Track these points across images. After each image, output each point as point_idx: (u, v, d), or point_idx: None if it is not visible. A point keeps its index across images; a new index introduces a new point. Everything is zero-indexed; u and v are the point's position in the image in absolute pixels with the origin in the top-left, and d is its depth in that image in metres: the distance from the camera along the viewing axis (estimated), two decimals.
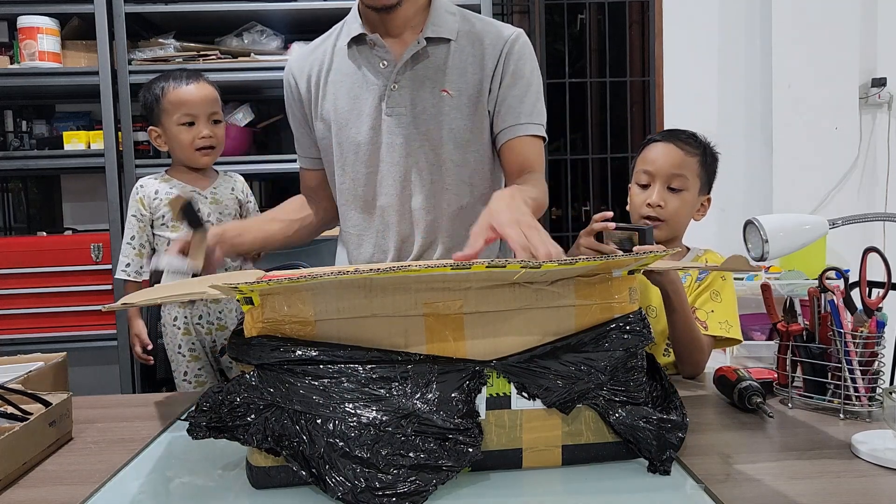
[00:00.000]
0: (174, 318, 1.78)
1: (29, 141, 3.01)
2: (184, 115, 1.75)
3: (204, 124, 1.77)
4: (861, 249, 1.14)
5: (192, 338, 1.78)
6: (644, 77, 3.64)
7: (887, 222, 3.18)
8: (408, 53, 1.37)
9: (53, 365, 1.34)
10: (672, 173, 1.42)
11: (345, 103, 1.41)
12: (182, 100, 1.75)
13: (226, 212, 1.83)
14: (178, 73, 1.80)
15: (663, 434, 0.92)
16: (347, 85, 1.41)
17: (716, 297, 1.42)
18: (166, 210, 1.78)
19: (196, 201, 1.36)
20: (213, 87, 1.81)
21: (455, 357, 0.90)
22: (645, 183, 1.45)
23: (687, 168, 1.43)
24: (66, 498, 0.89)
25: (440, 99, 1.39)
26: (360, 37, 1.39)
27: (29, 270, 2.70)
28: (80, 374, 2.49)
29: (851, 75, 3.38)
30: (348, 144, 1.41)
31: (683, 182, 1.43)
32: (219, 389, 0.88)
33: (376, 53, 1.39)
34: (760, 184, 3.50)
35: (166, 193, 1.79)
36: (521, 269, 0.85)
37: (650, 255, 0.92)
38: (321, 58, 1.45)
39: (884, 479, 0.89)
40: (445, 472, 0.85)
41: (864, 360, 1.11)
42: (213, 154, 1.80)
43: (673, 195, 1.43)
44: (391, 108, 1.38)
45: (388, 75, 1.38)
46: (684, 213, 1.45)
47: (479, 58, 1.40)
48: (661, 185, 1.43)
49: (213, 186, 1.83)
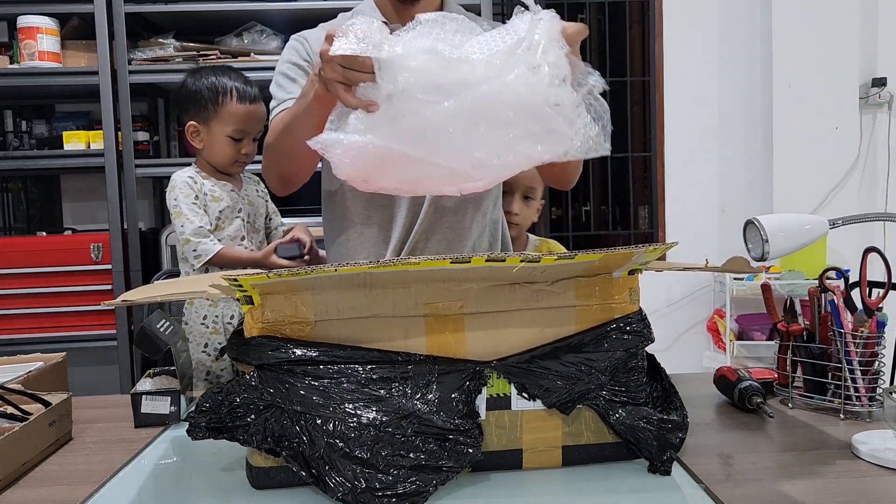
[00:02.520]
0: (203, 317, 1.76)
1: (29, 141, 3.01)
2: (236, 132, 1.74)
3: (249, 142, 1.76)
4: (861, 249, 1.14)
5: (219, 337, 1.76)
6: (644, 77, 3.64)
7: (887, 222, 3.19)
8: None
9: (53, 365, 1.34)
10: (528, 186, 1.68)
11: None
12: (241, 115, 1.72)
13: (257, 213, 1.82)
14: (242, 82, 1.76)
15: (664, 434, 0.92)
16: None
17: None
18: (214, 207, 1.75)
19: (158, 317, 1.29)
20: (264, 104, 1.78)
21: (455, 357, 0.89)
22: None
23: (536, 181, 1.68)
24: (66, 498, 0.89)
25: None
26: None
27: (29, 270, 2.70)
28: (80, 374, 2.48)
29: (851, 75, 3.38)
30: None
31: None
32: (218, 390, 0.88)
33: None
34: (760, 184, 3.50)
35: (210, 190, 1.76)
36: (520, 263, 0.85)
37: (650, 249, 0.91)
38: None
39: (884, 479, 0.89)
40: (446, 472, 0.85)
41: (865, 360, 1.11)
42: (243, 167, 1.81)
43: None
44: None
45: None
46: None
47: None
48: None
49: (245, 189, 1.82)
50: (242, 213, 1.76)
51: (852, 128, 3.40)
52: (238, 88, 1.74)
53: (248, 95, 1.75)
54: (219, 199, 1.74)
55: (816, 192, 3.39)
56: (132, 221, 2.74)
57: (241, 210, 1.76)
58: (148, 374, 1.25)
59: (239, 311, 1.75)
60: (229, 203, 1.74)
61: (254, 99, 1.75)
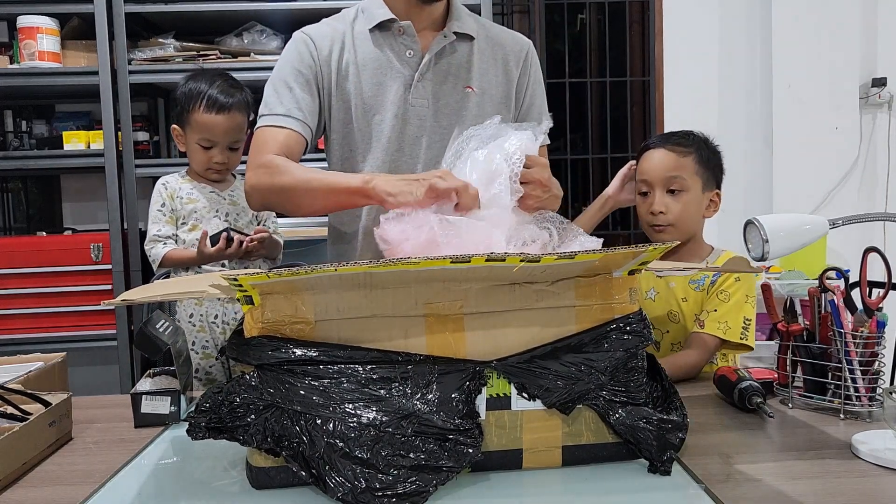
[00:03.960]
0: (189, 314, 1.78)
1: (29, 141, 3.01)
2: (203, 140, 1.75)
3: (220, 151, 1.76)
4: (861, 249, 1.14)
5: (206, 336, 1.78)
6: (644, 77, 3.64)
7: (887, 222, 3.19)
8: (437, 45, 1.38)
9: (53, 365, 1.34)
10: (668, 177, 1.44)
11: (369, 88, 1.39)
12: (206, 125, 1.72)
13: (243, 214, 1.83)
14: (211, 83, 1.74)
15: (664, 434, 0.92)
16: (371, 70, 1.39)
17: (723, 296, 1.42)
18: (189, 209, 1.78)
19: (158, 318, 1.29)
20: (244, 111, 1.77)
21: (455, 357, 0.89)
22: (644, 191, 1.48)
23: (683, 169, 1.45)
24: (66, 498, 0.89)
25: (464, 95, 1.41)
26: (384, 23, 1.38)
27: (29, 270, 2.69)
28: (80, 374, 2.49)
29: (851, 75, 3.38)
30: (372, 131, 1.39)
31: (681, 183, 1.44)
32: (218, 390, 0.88)
33: (402, 42, 1.39)
34: (760, 184, 3.50)
35: (188, 193, 1.79)
36: (520, 263, 0.85)
37: (650, 249, 0.91)
38: (340, 38, 1.40)
39: (884, 479, 0.89)
40: (445, 472, 0.85)
41: (865, 360, 1.11)
42: (222, 174, 1.80)
43: (673, 198, 1.44)
44: (414, 100, 1.38)
45: (415, 65, 1.39)
46: (690, 213, 1.46)
47: (501, 62, 1.46)
48: (660, 191, 1.45)
49: (230, 189, 1.84)
50: (221, 214, 1.79)
51: (852, 128, 3.40)
52: (209, 97, 1.72)
53: (217, 105, 1.72)
54: (194, 201, 1.78)
55: (816, 192, 3.38)
56: (132, 221, 2.74)
57: (218, 210, 1.79)
58: (148, 374, 1.26)
59: (223, 311, 1.78)
60: (206, 204, 1.78)
61: (222, 108, 1.72)
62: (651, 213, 1.45)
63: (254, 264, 1.80)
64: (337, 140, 1.42)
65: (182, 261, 1.76)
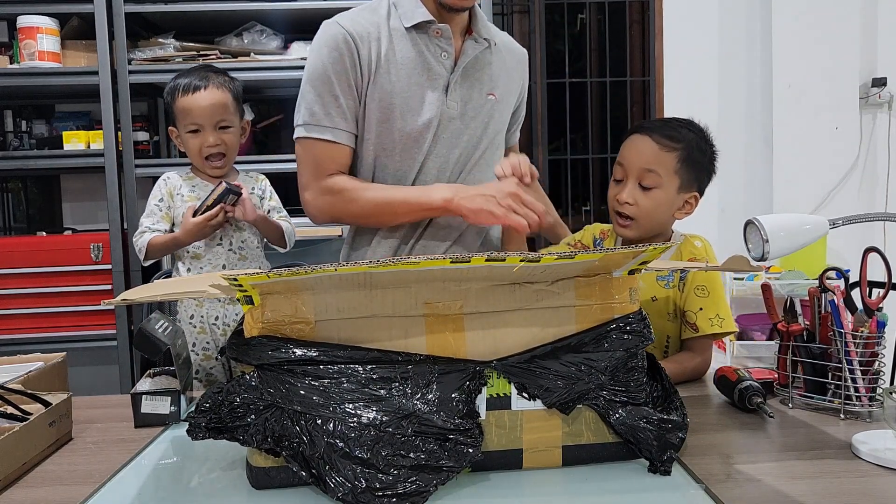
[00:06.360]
0: (190, 316, 1.78)
1: (29, 141, 3.01)
2: (190, 125, 1.74)
3: (210, 132, 1.73)
4: (861, 249, 1.14)
5: (206, 337, 1.78)
6: (644, 77, 3.64)
7: (887, 222, 3.19)
8: (471, 50, 1.40)
9: (53, 365, 1.34)
10: (643, 169, 1.33)
11: (406, 88, 1.37)
12: (187, 108, 1.71)
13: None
14: (189, 74, 1.75)
15: (664, 434, 0.92)
16: (408, 69, 1.38)
17: (701, 291, 1.34)
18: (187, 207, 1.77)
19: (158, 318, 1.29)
20: (225, 90, 1.75)
21: (455, 357, 0.89)
22: (619, 178, 1.38)
23: (661, 165, 1.32)
24: (66, 498, 0.89)
25: (486, 101, 1.44)
26: (422, 24, 1.38)
27: (29, 270, 2.70)
28: (80, 374, 2.49)
29: (851, 75, 3.38)
30: (406, 132, 1.38)
31: (655, 179, 1.32)
32: (218, 390, 0.88)
33: (438, 44, 1.39)
34: (760, 184, 3.50)
35: (189, 192, 1.78)
36: (520, 263, 0.85)
37: (650, 249, 0.91)
38: (377, 32, 1.38)
39: (884, 479, 0.89)
40: (446, 472, 0.85)
41: (865, 360, 1.11)
42: (223, 161, 1.77)
43: (644, 193, 1.33)
44: (451, 102, 1.40)
45: (449, 68, 1.40)
46: (658, 211, 1.34)
47: (514, 68, 1.52)
48: (632, 181, 1.34)
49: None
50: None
51: (852, 128, 3.40)
52: (183, 84, 1.73)
53: (192, 87, 1.72)
54: (193, 198, 1.77)
55: (816, 192, 3.39)
56: (132, 221, 2.74)
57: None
58: (148, 374, 1.26)
59: (223, 312, 1.78)
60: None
61: (197, 88, 1.72)
62: (617, 199, 1.35)
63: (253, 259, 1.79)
64: (371, 139, 1.40)
65: (167, 245, 1.73)
